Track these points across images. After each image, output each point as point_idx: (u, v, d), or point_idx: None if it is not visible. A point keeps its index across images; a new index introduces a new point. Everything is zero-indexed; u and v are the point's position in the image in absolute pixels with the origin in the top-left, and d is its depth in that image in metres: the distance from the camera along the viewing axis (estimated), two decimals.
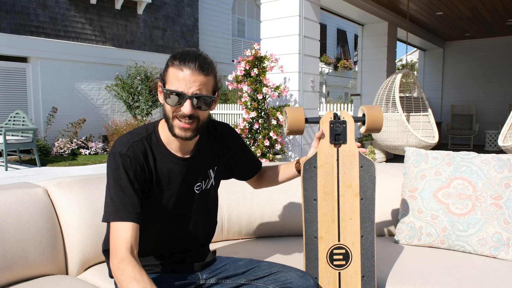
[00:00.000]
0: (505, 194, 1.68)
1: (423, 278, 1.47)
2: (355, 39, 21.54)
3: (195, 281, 1.35)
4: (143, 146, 1.25)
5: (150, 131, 1.29)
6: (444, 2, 6.67)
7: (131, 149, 1.22)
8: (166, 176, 1.27)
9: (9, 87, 8.65)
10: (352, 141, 1.37)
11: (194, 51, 1.20)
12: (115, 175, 1.19)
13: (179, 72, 1.17)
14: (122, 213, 1.14)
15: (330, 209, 1.36)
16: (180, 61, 1.17)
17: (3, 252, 1.36)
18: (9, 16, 8.37)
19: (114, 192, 1.17)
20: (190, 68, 1.16)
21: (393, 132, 5.15)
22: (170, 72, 1.19)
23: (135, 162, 1.21)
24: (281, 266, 1.33)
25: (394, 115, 5.12)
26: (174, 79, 1.18)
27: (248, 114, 4.43)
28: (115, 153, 1.21)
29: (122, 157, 1.20)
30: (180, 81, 1.17)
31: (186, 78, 1.16)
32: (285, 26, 4.60)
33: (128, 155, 1.21)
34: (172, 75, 1.18)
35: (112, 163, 1.21)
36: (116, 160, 1.20)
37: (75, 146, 8.71)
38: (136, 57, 10.43)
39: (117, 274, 1.08)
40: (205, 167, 1.36)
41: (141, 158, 1.23)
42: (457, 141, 10.59)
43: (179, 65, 1.17)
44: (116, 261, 1.10)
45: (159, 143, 1.28)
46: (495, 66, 10.09)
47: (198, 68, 1.17)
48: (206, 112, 1.24)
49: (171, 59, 1.20)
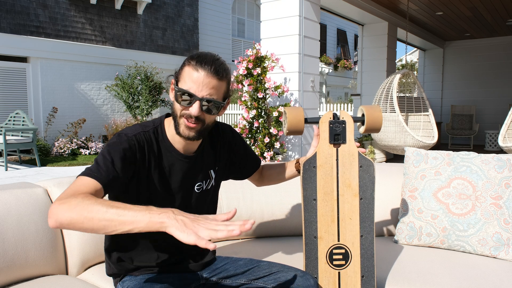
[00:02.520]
0: (505, 194, 1.68)
1: (423, 278, 1.47)
2: (355, 39, 21.54)
3: (195, 281, 1.35)
4: (149, 137, 1.26)
5: (157, 124, 1.31)
6: (444, 2, 6.67)
7: (137, 136, 1.23)
8: (167, 170, 1.28)
9: (9, 87, 8.65)
10: (352, 141, 1.37)
11: (212, 55, 1.21)
12: (112, 146, 1.19)
13: (194, 72, 1.18)
14: (94, 172, 1.12)
15: (330, 209, 1.36)
16: (197, 61, 1.18)
17: (3, 252, 1.36)
18: (9, 16, 8.37)
19: (102, 158, 1.16)
20: (205, 70, 1.17)
21: (391, 132, 5.16)
22: (185, 71, 1.20)
23: (138, 147, 1.22)
24: (281, 265, 1.33)
25: (391, 115, 5.13)
26: (188, 78, 1.18)
27: (248, 113, 4.44)
28: (122, 133, 1.23)
29: (128, 139, 1.21)
30: (194, 81, 1.17)
31: (199, 80, 1.17)
32: (285, 26, 4.60)
33: (133, 139, 1.22)
34: (186, 74, 1.19)
35: (115, 139, 1.22)
36: (121, 138, 1.21)
37: (75, 146, 8.72)
38: (136, 57, 10.43)
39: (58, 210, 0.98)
40: (207, 167, 1.37)
41: (145, 146, 1.24)
42: (457, 141, 10.59)
43: (195, 66, 1.18)
44: (59, 200, 1.00)
45: (164, 138, 1.29)
46: (495, 66, 10.08)
47: (213, 71, 1.17)
48: (213, 116, 1.24)
49: (188, 58, 1.21)
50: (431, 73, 10.87)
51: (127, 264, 1.32)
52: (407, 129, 4.97)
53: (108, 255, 1.35)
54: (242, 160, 1.52)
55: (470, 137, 9.94)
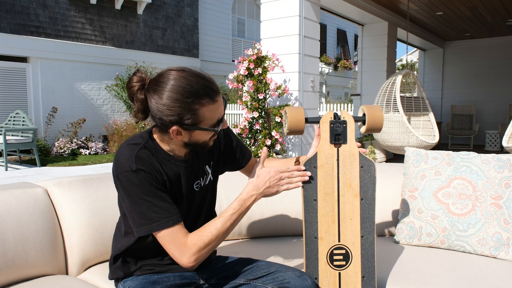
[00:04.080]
0: (505, 194, 1.68)
1: (423, 278, 1.47)
2: (355, 39, 21.54)
3: (195, 281, 1.35)
4: (147, 155, 1.20)
5: (146, 138, 1.25)
6: (444, 2, 6.66)
7: (139, 161, 1.16)
8: (174, 178, 1.26)
9: (9, 87, 8.65)
10: (353, 141, 1.37)
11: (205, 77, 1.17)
12: (138, 188, 1.14)
13: (213, 105, 1.16)
14: (165, 218, 1.16)
15: (330, 209, 1.35)
16: (207, 95, 1.14)
17: (3, 252, 1.36)
18: (9, 16, 8.37)
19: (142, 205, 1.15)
20: (218, 93, 1.17)
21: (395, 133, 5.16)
22: (204, 112, 1.14)
23: (150, 171, 1.17)
24: (279, 265, 1.33)
25: (395, 116, 5.12)
26: (213, 113, 1.17)
27: (249, 114, 4.43)
28: (127, 171, 1.15)
29: (136, 174, 1.14)
30: (219, 109, 1.18)
31: (219, 102, 1.18)
32: (285, 26, 4.60)
33: (140, 169, 1.15)
34: (208, 113, 1.15)
35: (130, 180, 1.14)
36: (131, 177, 1.14)
37: (75, 146, 8.71)
38: (136, 57, 10.43)
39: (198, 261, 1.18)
40: (202, 164, 1.36)
41: (151, 165, 1.19)
42: (457, 141, 10.59)
43: (209, 100, 1.14)
44: (187, 259, 1.17)
45: (158, 149, 1.24)
46: (495, 66, 10.08)
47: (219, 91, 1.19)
48: None
49: (194, 101, 1.12)
50: (431, 73, 10.87)
51: (131, 265, 1.32)
52: (411, 129, 4.97)
53: (114, 260, 1.35)
54: (233, 150, 1.49)
55: (470, 137, 9.94)
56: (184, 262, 1.16)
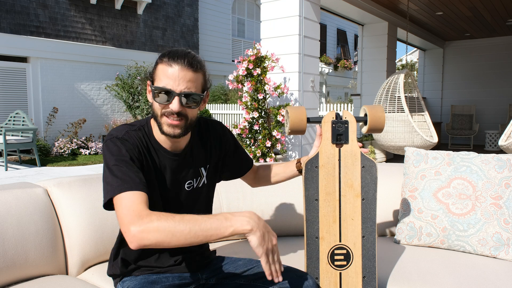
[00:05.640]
0: (505, 194, 1.68)
1: (423, 278, 1.47)
2: (355, 39, 21.54)
3: (195, 281, 1.34)
4: (137, 135, 1.25)
5: (143, 123, 1.29)
6: (444, 2, 6.67)
7: (127, 134, 1.22)
8: (158, 167, 1.27)
9: (9, 87, 8.64)
10: (354, 141, 1.37)
11: (183, 50, 1.20)
12: (117, 155, 1.16)
13: (168, 68, 1.17)
14: (129, 184, 1.10)
15: (332, 209, 1.35)
16: (169, 57, 1.17)
17: (3, 252, 1.35)
18: (9, 16, 8.37)
19: (117, 169, 1.13)
20: (179, 64, 1.16)
21: (399, 133, 5.14)
22: (159, 69, 1.19)
23: (133, 145, 1.21)
24: None
25: (400, 116, 5.10)
26: (163, 75, 1.17)
27: (248, 114, 4.43)
28: (112, 138, 1.20)
29: (120, 140, 1.19)
30: (169, 77, 1.16)
31: (175, 74, 1.16)
32: (285, 26, 4.60)
33: (126, 139, 1.20)
34: (161, 71, 1.18)
35: (111, 146, 1.18)
36: (115, 143, 1.19)
37: (75, 146, 8.71)
38: (136, 57, 10.42)
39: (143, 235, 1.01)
40: (197, 165, 1.35)
41: (137, 143, 1.22)
42: (457, 141, 10.59)
43: (168, 62, 1.17)
44: (135, 227, 1.02)
45: (151, 136, 1.28)
46: (495, 66, 10.08)
47: (187, 64, 1.16)
48: (195, 110, 1.23)
49: (160, 57, 1.21)
50: (431, 73, 10.88)
51: (130, 264, 1.32)
52: (416, 129, 4.95)
53: (114, 255, 1.35)
54: (234, 158, 1.49)
55: (470, 137, 9.95)
56: (130, 231, 1.02)
